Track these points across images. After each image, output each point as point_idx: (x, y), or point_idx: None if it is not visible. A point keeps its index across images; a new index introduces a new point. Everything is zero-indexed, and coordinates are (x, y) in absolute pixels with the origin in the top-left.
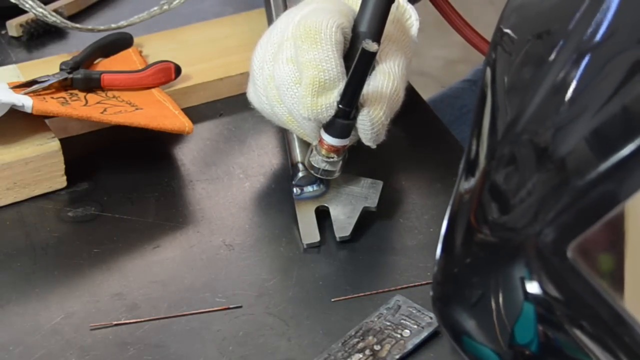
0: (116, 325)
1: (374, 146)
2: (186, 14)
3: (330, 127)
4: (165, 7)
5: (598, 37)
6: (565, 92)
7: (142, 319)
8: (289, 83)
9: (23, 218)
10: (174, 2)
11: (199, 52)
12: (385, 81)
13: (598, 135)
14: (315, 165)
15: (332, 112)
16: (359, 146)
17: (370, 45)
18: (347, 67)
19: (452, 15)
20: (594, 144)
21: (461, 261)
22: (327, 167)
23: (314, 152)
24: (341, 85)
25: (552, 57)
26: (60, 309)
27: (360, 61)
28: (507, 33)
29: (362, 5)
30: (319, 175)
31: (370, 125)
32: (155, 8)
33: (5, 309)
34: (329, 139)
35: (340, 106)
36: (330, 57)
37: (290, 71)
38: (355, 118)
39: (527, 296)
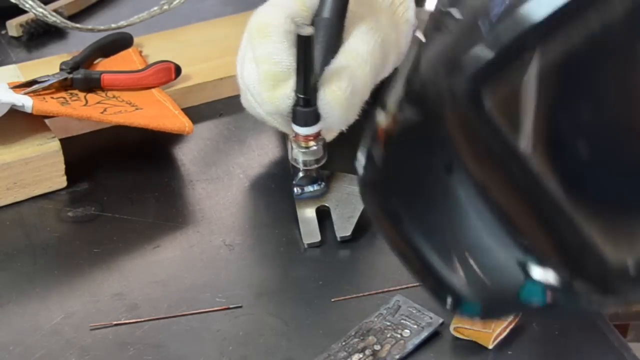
0: (116, 325)
1: (342, 128)
2: (186, 14)
3: (295, 117)
4: (165, 7)
5: None
6: None
7: (142, 319)
8: (253, 82)
9: (23, 218)
10: (174, 2)
11: (199, 52)
12: (343, 59)
13: None
14: (295, 157)
15: (289, 102)
16: (359, 145)
17: (304, 30)
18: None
19: None
20: None
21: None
22: (305, 158)
23: (292, 145)
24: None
25: None
26: (60, 309)
27: (299, 47)
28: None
29: None
30: (300, 167)
31: (326, 105)
32: (155, 8)
33: (5, 309)
34: (297, 129)
35: (298, 95)
36: (280, 49)
37: (253, 70)
38: (316, 103)
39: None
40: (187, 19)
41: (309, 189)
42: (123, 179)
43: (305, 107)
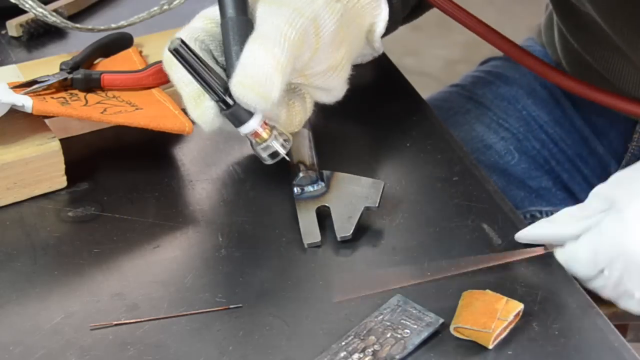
0: (116, 325)
1: (264, 105)
2: (186, 14)
3: (230, 121)
4: (165, 7)
5: None
6: None
7: (142, 319)
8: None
9: (23, 218)
10: (174, 2)
11: None
12: (247, 50)
13: None
14: (259, 155)
15: (212, 112)
16: (359, 145)
17: (171, 44)
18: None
19: (458, 12)
20: None
21: None
22: (263, 153)
23: (251, 146)
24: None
25: None
26: (60, 309)
27: (179, 61)
28: None
29: None
30: (269, 161)
31: (241, 98)
32: (155, 8)
33: (5, 309)
34: (240, 130)
35: (215, 102)
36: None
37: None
38: (235, 103)
39: None
40: (187, 19)
41: (309, 189)
42: (123, 179)
43: (228, 108)
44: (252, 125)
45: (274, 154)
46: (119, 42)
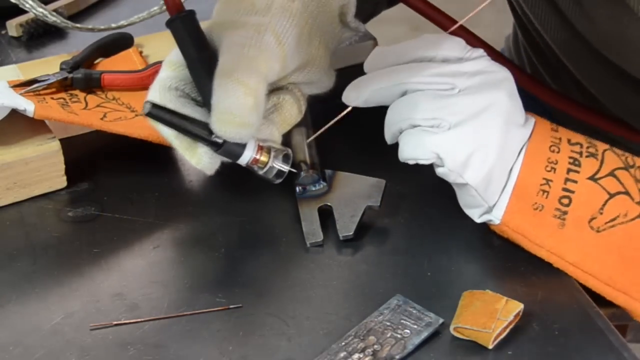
0: (116, 325)
1: (247, 133)
2: None
3: (227, 157)
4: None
5: None
6: None
7: (142, 319)
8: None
9: (23, 218)
10: None
11: None
12: (215, 84)
13: None
14: (265, 177)
15: (207, 156)
16: (361, 144)
17: (144, 109)
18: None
19: (430, 12)
20: None
21: None
22: (268, 175)
23: (255, 171)
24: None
25: None
26: (60, 309)
27: (157, 120)
28: None
29: (174, 37)
30: (275, 181)
31: (222, 134)
32: (156, 8)
33: (5, 309)
34: (239, 162)
35: (206, 145)
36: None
37: None
38: (223, 140)
39: None
40: None
41: (311, 188)
42: (123, 179)
43: (220, 147)
44: (248, 155)
45: (279, 173)
46: (119, 42)
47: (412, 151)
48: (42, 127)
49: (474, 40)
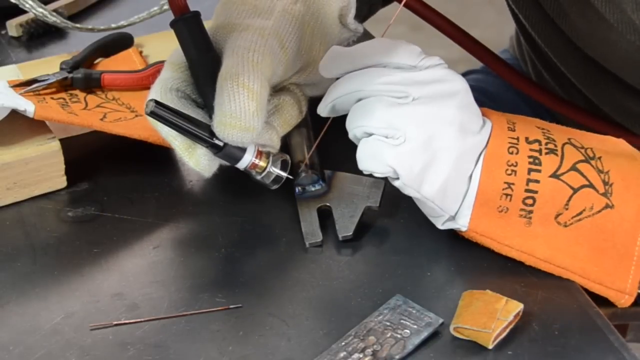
0: (116, 325)
1: (249, 137)
2: None
3: (226, 160)
4: (166, 7)
5: None
6: None
7: (142, 319)
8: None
9: (23, 218)
10: None
11: None
12: (218, 86)
13: None
14: (263, 182)
15: (206, 157)
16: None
17: (146, 108)
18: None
19: (433, 16)
20: None
21: None
22: (266, 180)
23: (253, 176)
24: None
25: None
26: (60, 309)
27: (158, 120)
28: None
29: (177, 38)
30: (272, 187)
31: (225, 138)
32: (155, 8)
33: (5, 309)
34: (238, 166)
35: (205, 147)
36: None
37: None
38: (224, 143)
39: None
40: None
41: (311, 188)
42: (123, 179)
43: (220, 150)
44: (247, 159)
45: (277, 179)
46: (119, 42)
47: (368, 164)
48: (42, 127)
49: (472, 46)
